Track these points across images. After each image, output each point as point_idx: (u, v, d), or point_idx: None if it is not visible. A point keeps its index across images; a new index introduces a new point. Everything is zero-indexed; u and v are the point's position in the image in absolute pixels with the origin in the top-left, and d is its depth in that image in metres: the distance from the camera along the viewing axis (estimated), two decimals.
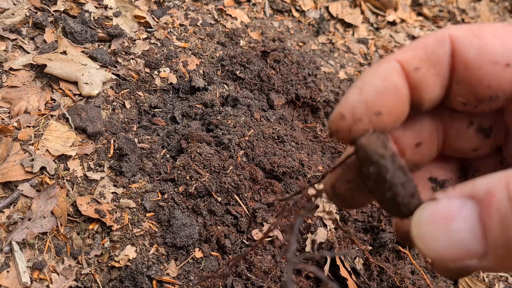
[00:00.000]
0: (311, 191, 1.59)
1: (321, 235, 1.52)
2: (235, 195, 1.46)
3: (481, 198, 0.34)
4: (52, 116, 1.48)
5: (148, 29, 1.92)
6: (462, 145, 0.49)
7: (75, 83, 1.57)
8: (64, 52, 1.61)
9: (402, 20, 2.96)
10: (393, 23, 2.90)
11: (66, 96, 1.55)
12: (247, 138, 1.57)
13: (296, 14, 2.56)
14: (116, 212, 1.36)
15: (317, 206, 1.58)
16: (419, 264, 1.69)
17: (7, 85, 1.47)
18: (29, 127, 1.43)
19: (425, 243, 0.36)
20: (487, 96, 0.41)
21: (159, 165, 1.52)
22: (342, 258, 1.45)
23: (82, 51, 1.68)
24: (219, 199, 1.44)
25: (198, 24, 2.08)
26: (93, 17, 1.79)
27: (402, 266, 1.69)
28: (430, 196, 0.38)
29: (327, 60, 2.46)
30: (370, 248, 1.65)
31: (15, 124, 1.41)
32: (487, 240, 0.33)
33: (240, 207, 1.45)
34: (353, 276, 1.44)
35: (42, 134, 1.42)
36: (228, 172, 1.47)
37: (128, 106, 1.66)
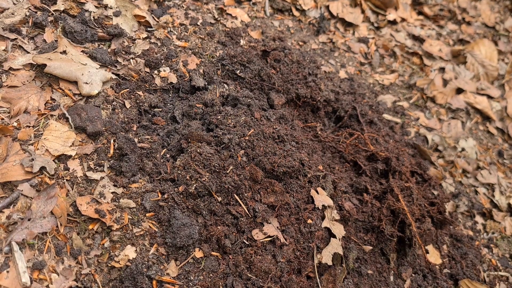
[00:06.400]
0: (314, 192, 1.58)
1: (335, 245, 1.51)
2: (235, 195, 1.45)
3: None
4: (52, 116, 1.48)
5: (148, 29, 1.92)
6: None
7: (75, 83, 1.57)
8: (64, 52, 1.61)
9: (403, 19, 2.95)
10: (393, 22, 2.90)
11: (66, 96, 1.54)
12: (247, 137, 1.57)
13: (296, 13, 2.56)
14: (116, 212, 1.36)
15: (323, 217, 1.56)
16: (420, 264, 1.69)
17: (7, 85, 1.47)
18: (29, 127, 1.42)
19: None
20: None
21: (159, 165, 1.52)
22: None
23: (82, 51, 1.67)
24: (219, 199, 1.44)
25: (198, 23, 2.08)
26: (93, 17, 1.79)
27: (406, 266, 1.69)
28: None
29: (327, 59, 2.46)
30: (371, 248, 1.64)
31: (15, 124, 1.41)
32: None
33: (240, 207, 1.44)
34: None
35: (42, 134, 1.42)
36: (228, 172, 1.47)
37: (128, 105, 1.66)
